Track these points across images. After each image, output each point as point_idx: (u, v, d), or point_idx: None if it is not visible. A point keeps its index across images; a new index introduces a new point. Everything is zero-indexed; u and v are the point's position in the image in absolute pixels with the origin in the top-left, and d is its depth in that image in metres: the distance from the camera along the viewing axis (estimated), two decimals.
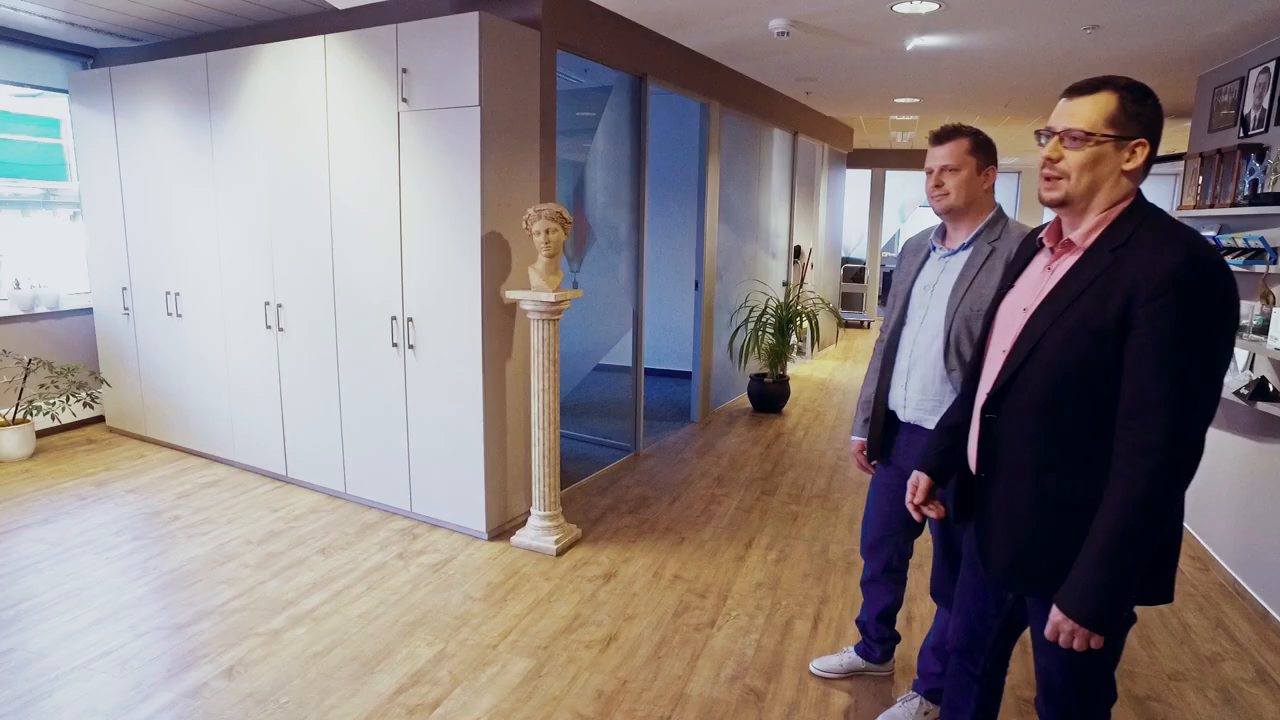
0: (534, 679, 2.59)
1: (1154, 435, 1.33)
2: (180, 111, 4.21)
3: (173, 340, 4.57)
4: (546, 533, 3.55)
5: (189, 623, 2.88)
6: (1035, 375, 1.48)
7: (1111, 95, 1.42)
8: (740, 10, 3.21)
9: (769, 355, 5.97)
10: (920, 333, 2.14)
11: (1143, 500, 1.34)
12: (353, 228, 3.68)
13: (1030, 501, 1.51)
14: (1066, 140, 1.44)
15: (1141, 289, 1.35)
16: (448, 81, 3.27)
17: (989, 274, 2.02)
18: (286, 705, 2.42)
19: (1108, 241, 1.44)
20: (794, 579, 3.34)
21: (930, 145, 2.09)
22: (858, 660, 2.62)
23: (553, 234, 3.31)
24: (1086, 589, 1.38)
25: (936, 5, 2.96)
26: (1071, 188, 1.45)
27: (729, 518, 3.99)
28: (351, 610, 2.99)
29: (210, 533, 3.64)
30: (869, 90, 5.32)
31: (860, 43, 3.63)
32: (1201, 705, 2.53)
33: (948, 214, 2.10)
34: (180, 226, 4.36)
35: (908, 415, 2.19)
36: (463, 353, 3.46)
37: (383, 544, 3.56)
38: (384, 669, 2.63)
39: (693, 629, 2.92)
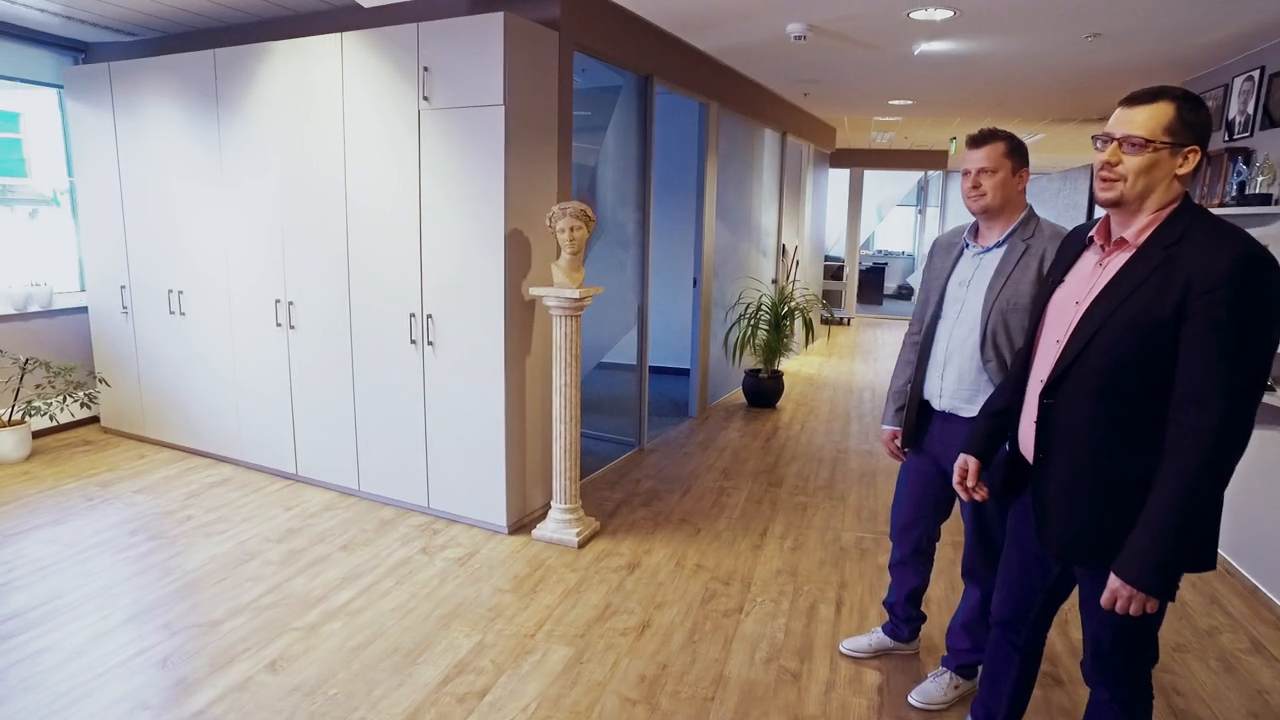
0: (575, 666, 2.66)
1: (1209, 417, 1.45)
2: (186, 108, 4.18)
3: (175, 339, 4.52)
4: (568, 525, 3.61)
5: (222, 619, 2.89)
6: (1092, 363, 1.59)
7: (1169, 105, 1.53)
8: (762, 14, 3.31)
9: (763, 351, 6.09)
10: (957, 326, 2.25)
11: (1198, 477, 1.46)
12: (370, 225, 3.69)
13: (1088, 480, 1.62)
14: (1125, 146, 1.55)
15: (1197, 283, 1.46)
16: (471, 81, 3.31)
17: (1024, 270, 2.14)
18: (335, 697, 2.46)
19: (1161, 239, 1.56)
20: (811, 566, 3.45)
21: (968, 148, 2.20)
22: (886, 640, 2.73)
23: (576, 231, 3.37)
24: (1146, 558, 1.50)
25: (951, 13, 3.09)
26: (1128, 190, 1.56)
27: (740, 509, 4.09)
28: (384, 604, 3.02)
29: (227, 531, 3.63)
30: (867, 92, 5.47)
31: (871, 47, 3.76)
32: (1205, 674, 2.69)
33: (984, 213, 2.21)
34: (185, 224, 4.32)
35: (943, 404, 2.30)
36: (484, 349, 3.50)
37: (404, 539, 3.59)
38: (426, 660, 2.67)
39: (722, 615, 3.01)
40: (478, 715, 2.38)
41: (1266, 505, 3.23)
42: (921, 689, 2.49)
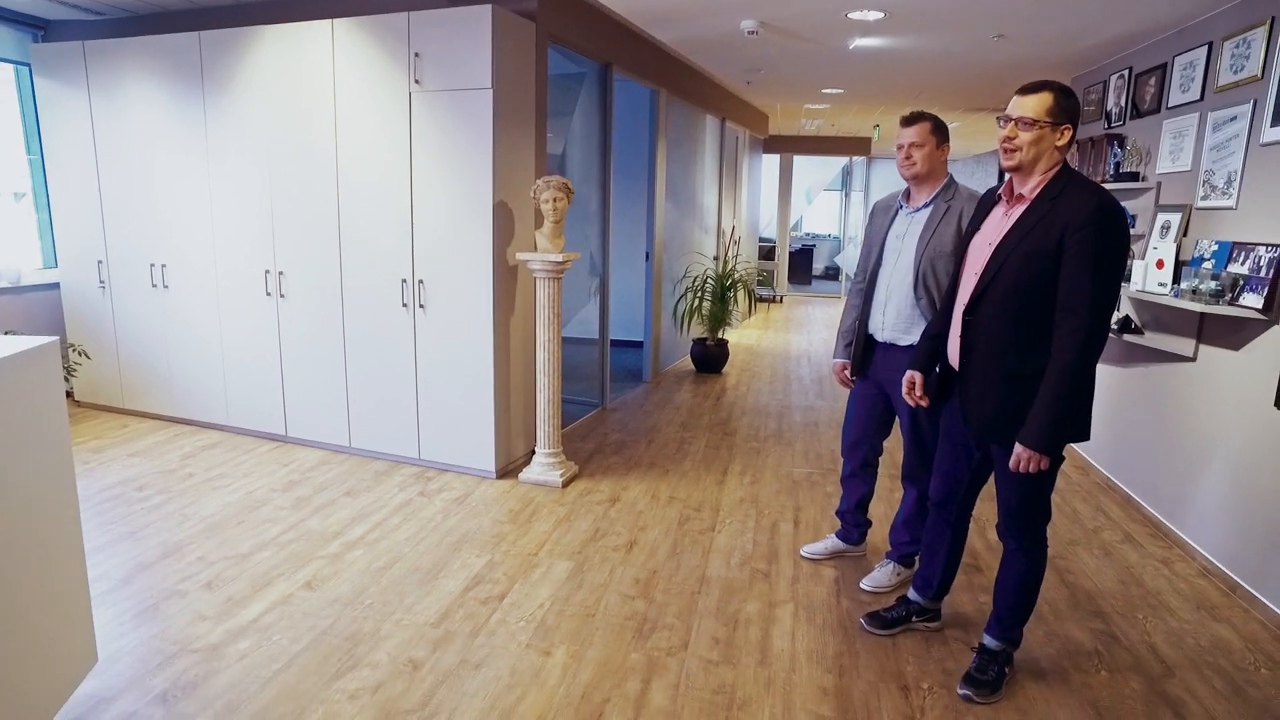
0: (578, 574, 3.08)
1: (1080, 319, 1.99)
2: (169, 88, 4.35)
3: (158, 311, 4.69)
4: (552, 468, 4.01)
5: (251, 552, 3.19)
6: (1000, 287, 2.11)
7: (1049, 94, 2.05)
8: (720, 12, 3.75)
9: (710, 320, 6.59)
10: (894, 271, 2.76)
11: (1075, 363, 2.00)
12: (362, 200, 3.98)
13: (998, 376, 2.14)
14: (1020, 125, 2.07)
15: (1071, 224, 1.99)
16: (461, 66, 3.65)
17: (947, 225, 2.66)
18: (371, 605, 2.81)
19: (1046, 194, 2.08)
20: (769, 495, 3.95)
21: (901, 126, 2.71)
22: (839, 543, 3.25)
23: (559, 202, 3.76)
24: (1041, 426, 2.02)
25: (882, 14, 3.61)
26: (1023, 157, 2.08)
27: (701, 454, 4.57)
28: (397, 536, 3.37)
29: (231, 485, 3.89)
30: (803, 82, 6.00)
31: (811, 41, 4.26)
32: (1089, 559, 3.31)
33: (914, 180, 2.72)
34: (168, 201, 4.50)
35: (885, 336, 2.81)
36: (474, 311, 3.86)
37: (401, 485, 3.92)
38: (446, 575, 3.04)
39: (697, 533, 3.48)
40: (500, 613, 2.78)
41: (1137, 431, 3.90)
42: (870, 577, 3.02)
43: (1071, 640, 2.70)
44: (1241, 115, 3.14)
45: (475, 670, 2.44)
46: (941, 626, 2.73)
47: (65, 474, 1.99)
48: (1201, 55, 3.46)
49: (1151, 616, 2.87)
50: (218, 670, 2.41)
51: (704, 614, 2.81)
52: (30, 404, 1.83)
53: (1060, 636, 2.71)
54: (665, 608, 2.84)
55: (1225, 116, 3.25)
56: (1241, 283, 3.01)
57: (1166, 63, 3.78)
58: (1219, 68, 3.33)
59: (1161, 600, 2.99)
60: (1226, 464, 3.14)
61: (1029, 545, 2.28)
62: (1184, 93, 3.58)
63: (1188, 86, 3.56)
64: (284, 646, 2.54)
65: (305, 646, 2.54)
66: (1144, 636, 2.74)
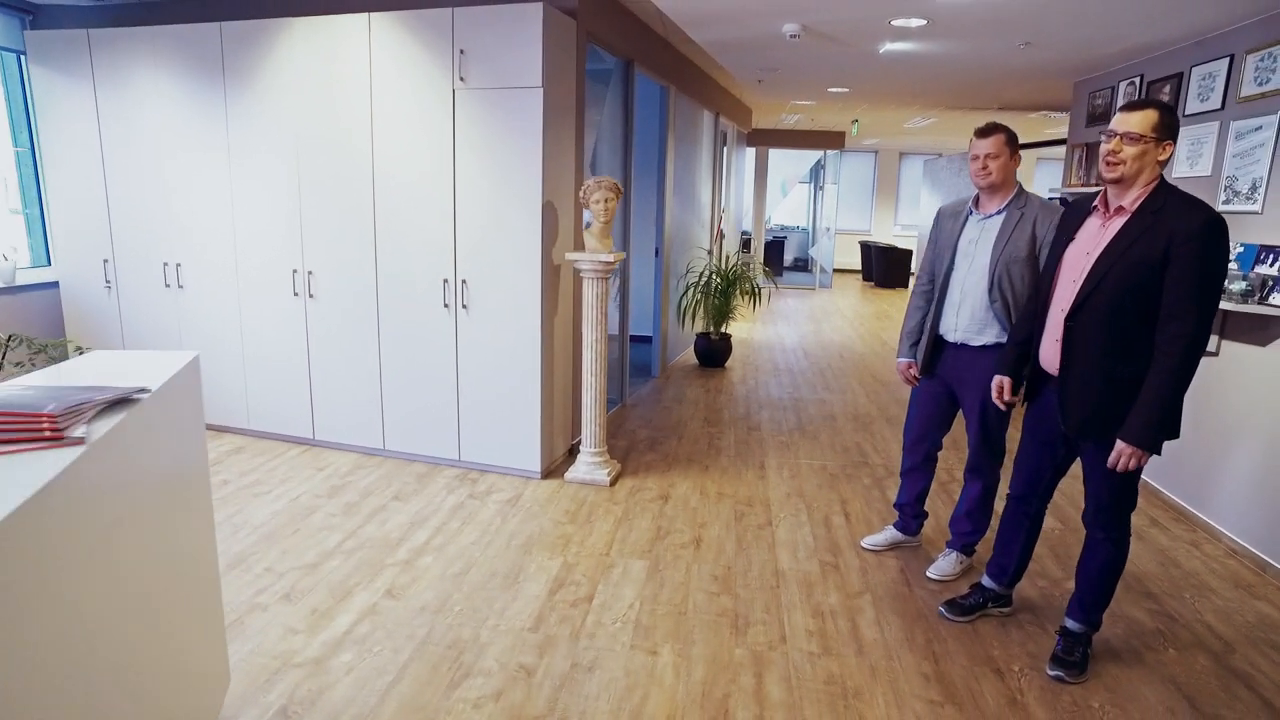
0: (656, 573, 3.13)
1: (1186, 326, 2.12)
2: (186, 80, 4.19)
3: (171, 311, 4.53)
4: (598, 467, 4.04)
5: (318, 562, 3.14)
6: (1103, 295, 2.24)
7: (1155, 111, 2.18)
8: (768, 14, 3.81)
9: (715, 315, 6.68)
10: (969, 275, 2.87)
11: (1178, 369, 2.14)
12: (399, 199, 3.92)
13: (1098, 377, 2.27)
14: (1126, 140, 2.19)
15: (1178, 236, 2.12)
16: (510, 64, 3.62)
17: (1021, 232, 2.78)
18: (462, 613, 2.81)
19: (1149, 206, 2.21)
20: (812, 489, 4.06)
21: (976, 138, 2.82)
22: (897, 534, 3.38)
23: (610, 203, 3.77)
24: (1144, 424, 2.16)
25: (925, 20, 3.73)
26: (1126, 170, 2.20)
27: (734, 449, 4.66)
28: (462, 540, 3.36)
29: (271, 491, 3.81)
30: (814, 81, 6.10)
31: (846, 44, 4.36)
32: None
33: (989, 188, 2.84)
34: (183, 198, 4.34)
35: (957, 337, 2.93)
36: (520, 310, 3.85)
37: (448, 488, 3.90)
38: (526, 579, 3.06)
39: (756, 528, 3.57)
40: (594, 615, 2.82)
41: None
42: (936, 565, 3.15)
43: (1134, 621, 2.88)
44: (1268, 125, 3.35)
45: (589, 673, 2.48)
46: (1014, 611, 2.88)
47: (203, 492, 1.95)
48: (1222, 66, 3.68)
49: (1198, 596, 3.08)
50: (329, 685, 2.38)
51: (790, 607, 2.89)
52: (178, 425, 1.78)
53: (1123, 618, 2.88)
54: (751, 603, 2.92)
55: (1250, 126, 3.46)
56: (1270, 283, 3.23)
57: (1183, 72, 4.00)
58: (1242, 79, 3.55)
59: (1202, 580, 3.21)
60: (1253, 452, 3.37)
61: (1116, 534, 2.43)
62: (1203, 101, 3.80)
63: (1207, 96, 3.78)
64: (388, 658, 2.53)
65: (410, 657, 2.53)
66: (1197, 615, 2.94)
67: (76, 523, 1.18)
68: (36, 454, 1.17)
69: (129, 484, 1.39)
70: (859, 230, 14.75)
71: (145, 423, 1.45)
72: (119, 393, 1.40)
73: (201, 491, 1.92)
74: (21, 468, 1.12)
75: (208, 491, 2.00)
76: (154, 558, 1.53)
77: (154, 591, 1.53)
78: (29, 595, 1.02)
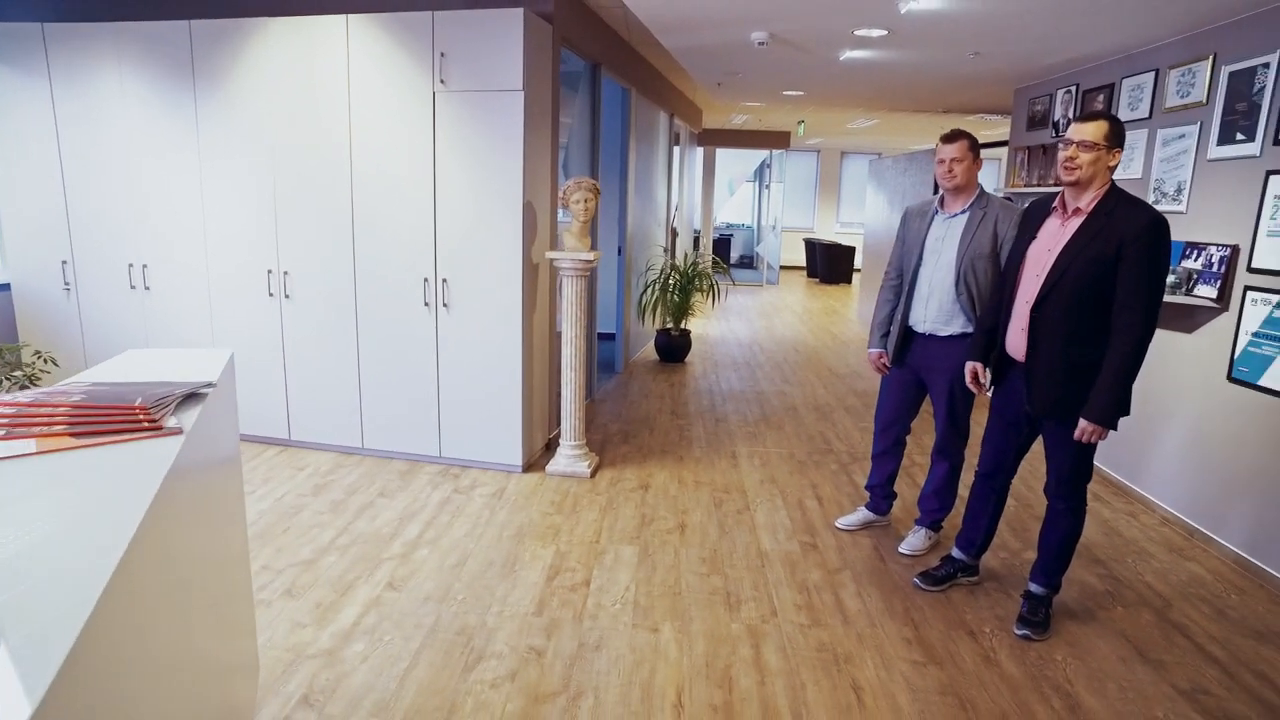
0: (646, 558, 3.27)
1: (1137, 315, 2.38)
2: (153, 78, 4.13)
3: (136, 314, 4.45)
4: (578, 459, 4.16)
5: (315, 558, 3.18)
6: (1065, 287, 2.48)
7: (1105, 122, 2.42)
8: (737, 23, 3.98)
9: (675, 311, 6.85)
10: (936, 270, 3.10)
11: (1130, 352, 2.39)
12: (378, 200, 3.96)
13: (1061, 363, 2.52)
14: (1082, 147, 2.43)
15: (1129, 235, 2.37)
16: (491, 67, 3.70)
17: (984, 230, 3.02)
18: (465, 601, 2.90)
19: (1102, 208, 2.46)
20: (784, 476, 4.27)
21: (942, 143, 3.05)
22: (869, 514, 3.60)
23: (589, 202, 3.89)
24: (1105, 404, 2.41)
25: (886, 31, 3.96)
26: (1082, 175, 2.45)
27: (704, 440, 4.83)
28: (454, 532, 3.44)
29: (255, 491, 3.80)
30: (772, 84, 6.32)
31: (809, 52, 4.57)
32: None
33: (954, 190, 3.07)
34: (150, 198, 4.27)
35: (926, 328, 3.16)
36: (501, 309, 3.93)
37: (432, 483, 3.96)
38: (522, 567, 3.16)
39: (736, 513, 3.75)
40: (593, 597, 2.94)
41: None
42: (907, 542, 3.38)
43: (1086, 584, 3.16)
44: (1189, 134, 3.70)
45: (597, 651, 2.60)
46: (981, 580, 3.13)
47: (239, 483, 2.01)
48: (1149, 79, 4.03)
49: (1138, 560, 3.39)
50: (347, 673, 2.45)
51: (777, 585, 3.08)
52: (228, 416, 1.84)
53: (1076, 582, 3.16)
54: (740, 582, 3.09)
55: (1174, 134, 3.81)
56: (1195, 276, 3.56)
57: (1114, 83, 4.35)
58: (1166, 92, 3.89)
59: (1141, 546, 3.53)
60: (1181, 429, 3.72)
61: (1075, 504, 2.69)
62: (1133, 110, 4.14)
63: (1136, 105, 4.12)
64: (400, 645, 2.60)
65: (422, 644, 2.62)
66: (1138, 577, 3.24)
67: (181, 509, 1.26)
68: (139, 443, 1.25)
69: (206, 473, 1.46)
70: (803, 228, 15.16)
71: (212, 414, 1.53)
72: (191, 386, 1.47)
73: (238, 482, 1.98)
74: (131, 455, 1.20)
75: (241, 483, 2.05)
76: (206, 547, 1.60)
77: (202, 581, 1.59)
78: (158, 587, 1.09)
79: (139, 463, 1.15)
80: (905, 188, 7.45)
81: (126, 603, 0.94)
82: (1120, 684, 2.51)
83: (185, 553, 1.36)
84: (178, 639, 1.22)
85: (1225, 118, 3.47)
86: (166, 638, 1.14)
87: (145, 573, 1.03)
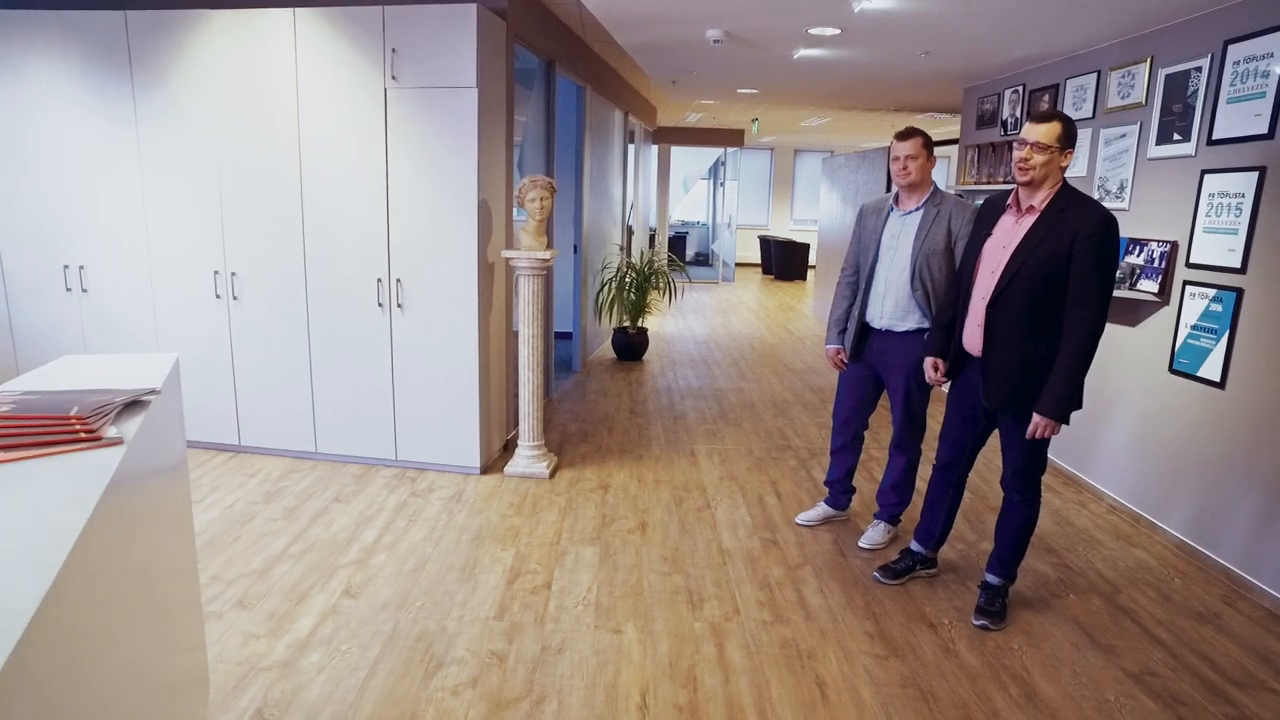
0: (608, 558, 3.25)
1: (1088, 311, 2.44)
2: (87, 71, 3.96)
3: (72, 317, 4.26)
4: (537, 460, 4.12)
5: (267, 567, 3.08)
6: (1020, 284, 2.52)
7: (1058, 123, 2.48)
8: (693, 20, 3.98)
9: (632, 309, 6.84)
10: (892, 267, 3.14)
11: (1082, 347, 2.45)
12: (329, 200, 3.86)
13: (1016, 358, 2.56)
14: (1035, 148, 2.48)
15: (1081, 232, 2.43)
16: (443, 64, 3.63)
17: (938, 227, 3.07)
18: (424, 607, 2.84)
19: (1054, 206, 2.51)
20: (743, 472, 4.29)
21: (897, 141, 3.08)
22: (829, 510, 3.63)
23: (545, 200, 3.85)
24: (1058, 399, 2.47)
25: (839, 30, 4.00)
26: (1036, 175, 2.50)
27: (663, 438, 4.83)
28: (412, 537, 3.37)
29: (204, 500, 3.68)
30: (727, 82, 6.34)
31: (763, 50, 4.58)
32: None
33: (909, 187, 3.11)
34: (88, 196, 4.10)
35: (882, 324, 3.19)
36: (457, 308, 3.87)
37: (388, 487, 3.88)
38: (482, 570, 3.11)
39: (697, 511, 3.75)
40: (555, 599, 2.91)
41: None
42: (867, 536, 3.42)
43: (1040, 573, 3.24)
44: (1130, 134, 3.81)
45: (559, 654, 2.58)
46: (939, 572, 3.18)
47: (186, 493, 1.93)
48: (1092, 80, 4.14)
49: (1089, 548, 3.48)
50: (303, 685, 2.38)
51: (739, 582, 3.08)
52: (173, 424, 1.77)
53: (1030, 571, 3.23)
54: (701, 580, 3.09)
55: (1116, 134, 3.92)
56: (1138, 271, 3.68)
57: (1059, 83, 4.46)
58: (1108, 92, 4.01)
59: (1090, 535, 3.63)
60: (1127, 420, 3.84)
61: (1030, 496, 2.75)
62: (1077, 110, 4.26)
63: (1080, 105, 4.24)
64: (358, 654, 2.54)
65: (380, 652, 2.56)
66: (1089, 564, 3.33)
67: (122, 522, 1.19)
68: (75, 455, 1.18)
69: (150, 484, 1.39)
70: (758, 225, 15.29)
71: (155, 422, 1.46)
72: (133, 394, 1.40)
73: (185, 492, 1.90)
74: (65, 469, 1.13)
75: (188, 492, 1.97)
76: (150, 560, 1.53)
77: (147, 595, 1.53)
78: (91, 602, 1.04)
79: (74, 476, 1.09)
80: (858, 185, 7.55)
81: (63, 623, 0.89)
82: (1074, 670, 2.58)
83: (127, 568, 1.30)
84: (121, 658, 1.16)
85: (1163, 118, 3.59)
86: (108, 657, 1.08)
87: (83, 591, 0.98)
